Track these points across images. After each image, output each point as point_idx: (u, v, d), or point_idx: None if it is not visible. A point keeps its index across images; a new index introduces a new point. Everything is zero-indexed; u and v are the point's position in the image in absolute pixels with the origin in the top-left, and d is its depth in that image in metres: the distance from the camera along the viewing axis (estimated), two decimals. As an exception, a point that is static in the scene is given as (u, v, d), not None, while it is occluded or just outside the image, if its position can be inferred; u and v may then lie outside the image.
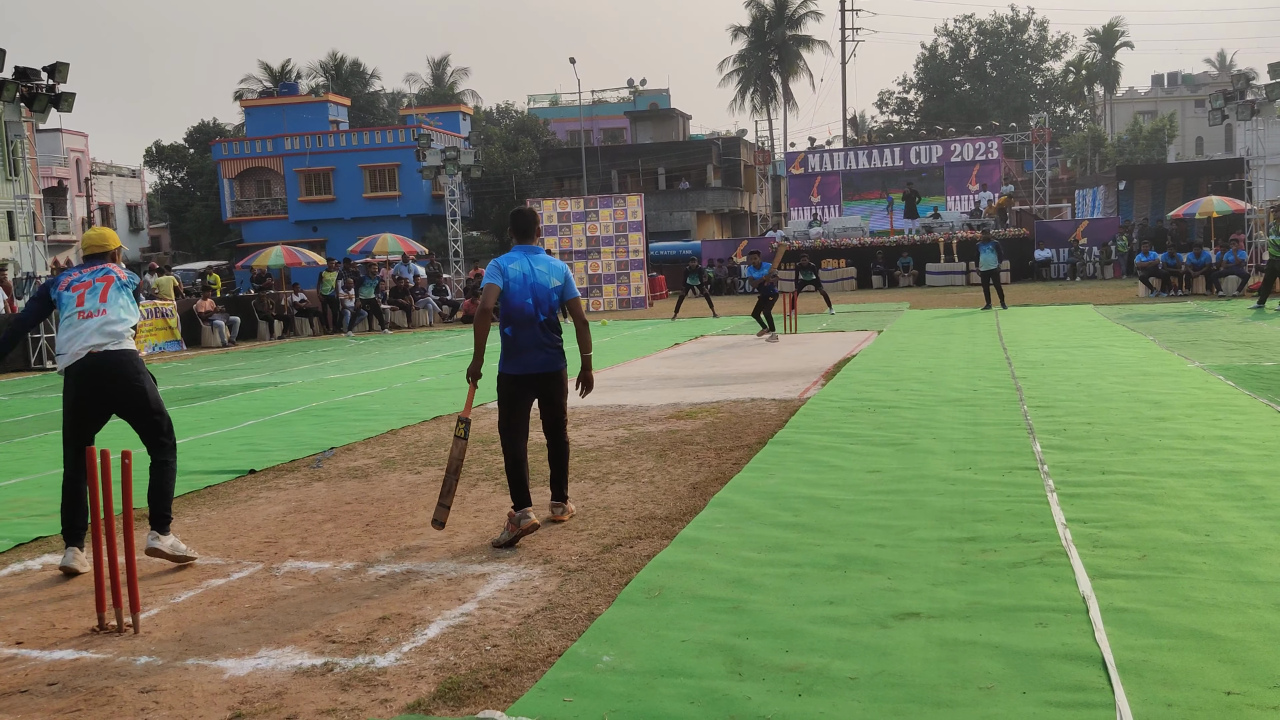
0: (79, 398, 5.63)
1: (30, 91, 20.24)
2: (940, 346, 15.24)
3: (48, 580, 5.67)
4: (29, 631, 4.84)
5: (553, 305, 6.16)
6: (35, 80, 20.33)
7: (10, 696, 4.08)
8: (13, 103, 20.06)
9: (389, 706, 3.78)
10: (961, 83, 69.81)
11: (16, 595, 5.44)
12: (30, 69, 20.27)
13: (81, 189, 54.97)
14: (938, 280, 36.45)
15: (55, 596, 5.38)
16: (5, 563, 6.08)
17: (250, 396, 13.54)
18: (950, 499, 6.24)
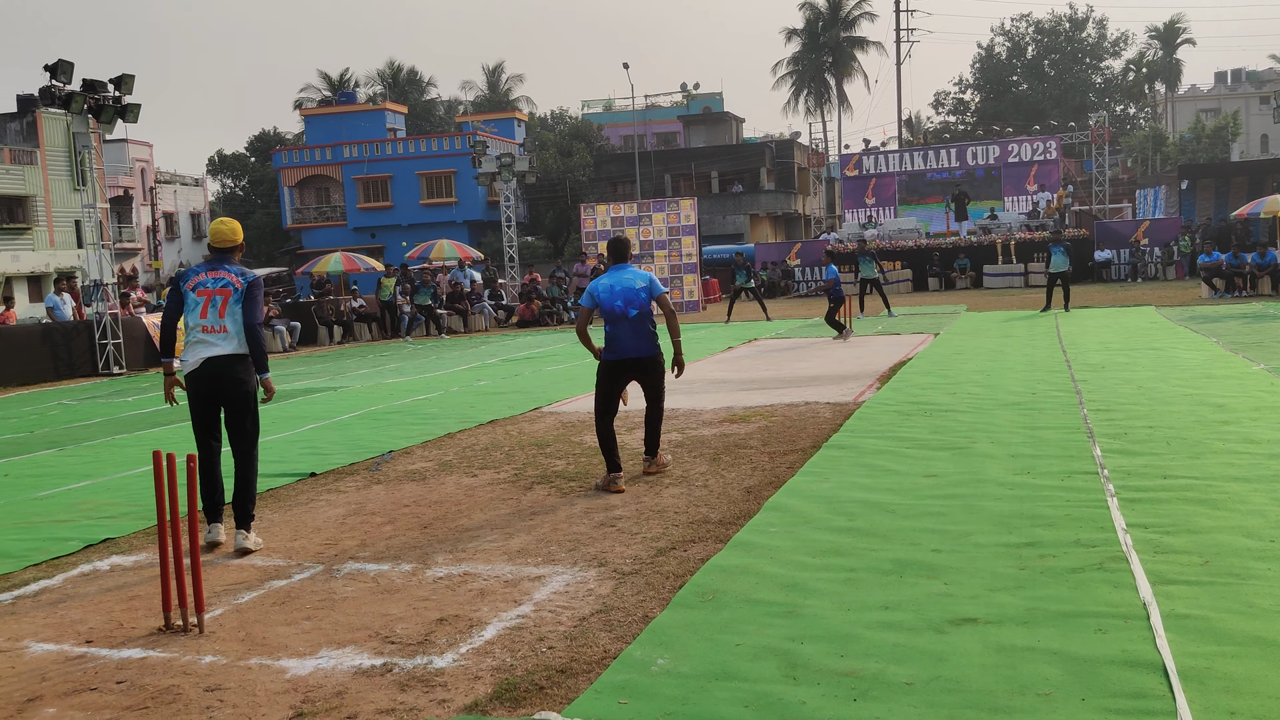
0: (198, 398, 6.37)
1: (97, 103, 20.71)
2: (998, 349, 15.07)
3: (116, 581, 5.81)
4: (98, 631, 4.97)
5: (641, 303, 7.52)
6: (102, 92, 20.80)
7: (80, 694, 4.20)
8: (81, 114, 20.55)
9: (447, 707, 3.83)
10: (1019, 82, 68.94)
11: (86, 595, 5.58)
12: (97, 81, 20.74)
13: (146, 198, 56.13)
14: (996, 282, 35.99)
15: (123, 597, 5.51)
16: (75, 563, 6.24)
17: (310, 400, 13.76)
18: (1008, 504, 6.18)
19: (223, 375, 6.30)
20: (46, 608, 5.38)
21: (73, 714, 4.00)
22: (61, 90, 20.08)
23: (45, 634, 4.97)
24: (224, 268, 6.46)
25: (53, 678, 4.39)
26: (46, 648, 4.78)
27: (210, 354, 6.30)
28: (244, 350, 6.35)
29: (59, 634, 4.94)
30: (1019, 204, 41.18)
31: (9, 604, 5.50)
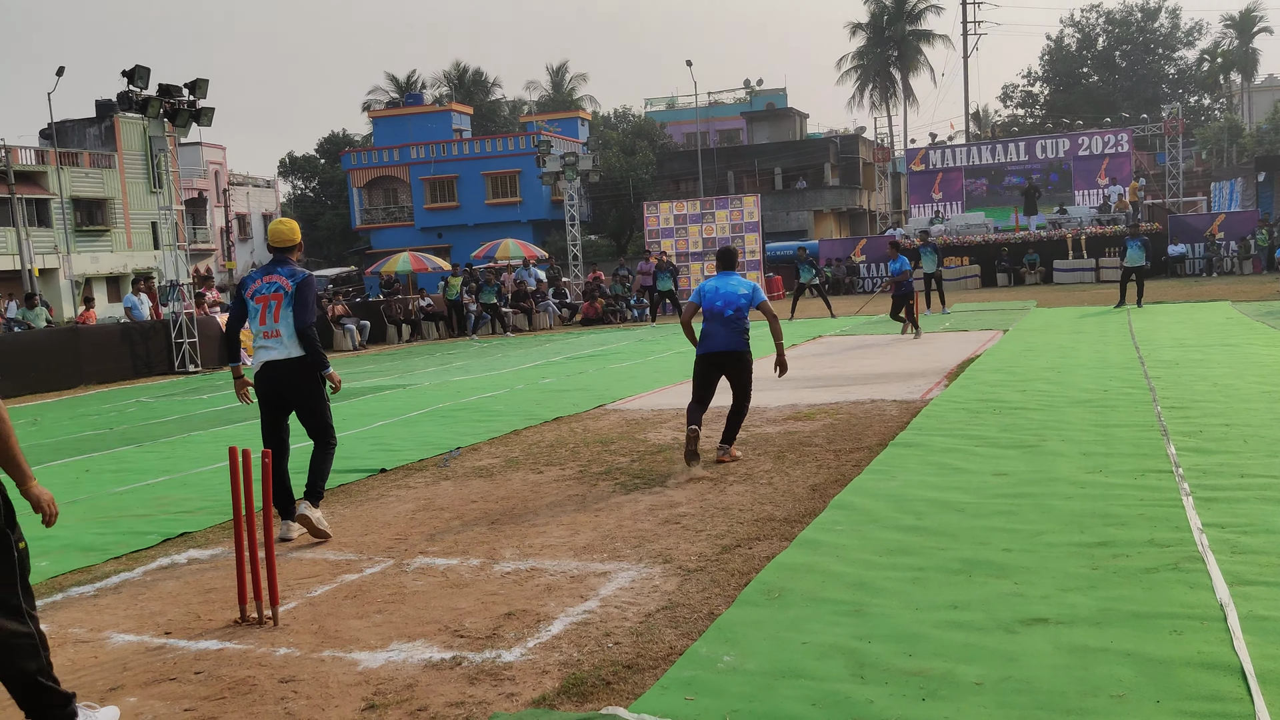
0: (264, 400, 6.68)
1: (173, 107, 21.23)
2: (1069, 346, 14.80)
3: (193, 574, 5.96)
4: (176, 623, 5.11)
5: (739, 306, 8.20)
6: (177, 96, 21.31)
7: (160, 684, 4.31)
8: (157, 119, 21.07)
9: (515, 701, 3.87)
10: (1089, 74, 67.58)
11: (164, 588, 5.73)
12: (173, 86, 21.25)
13: (220, 199, 57.38)
14: (1066, 278, 35.33)
15: (200, 589, 5.65)
16: (153, 557, 6.41)
17: (380, 398, 13.96)
18: (1080, 503, 6.08)
19: (282, 379, 6.54)
20: (127, 599, 5.54)
21: (153, 703, 4.11)
22: (139, 95, 20.62)
23: (126, 625, 5.11)
24: (278, 270, 6.60)
25: (134, 667, 4.52)
26: (127, 638, 4.92)
27: (269, 358, 6.53)
28: (300, 353, 6.50)
29: (139, 625, 5.08)
30: (1089, 198, 40.37)
31: (91, 596, 5.67)
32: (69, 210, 44.61)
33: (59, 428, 13.37)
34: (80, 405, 16.41)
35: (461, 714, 3.78)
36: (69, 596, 5.68)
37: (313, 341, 6.53)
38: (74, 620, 5.24)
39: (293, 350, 6.50)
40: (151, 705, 4.08)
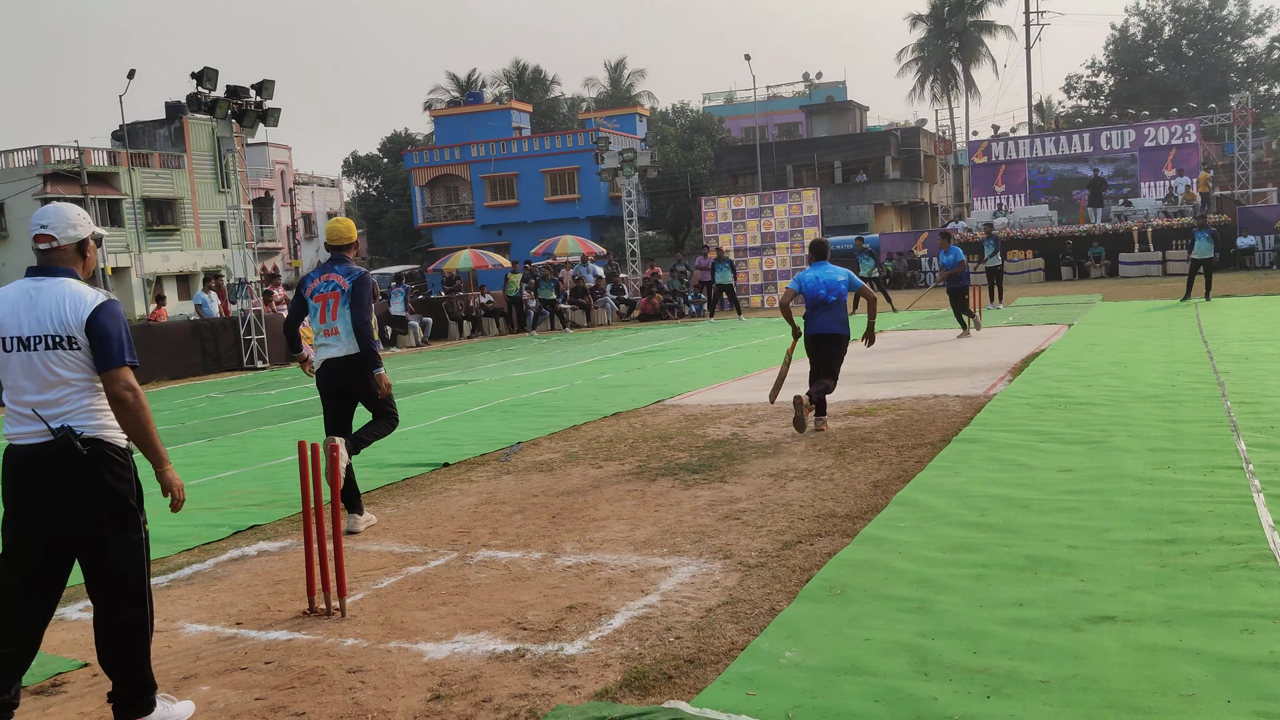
0: (325, 393, 6.85)
1: (240, 108, 21.62)
2: (1135, 340, 14.53)
3: (263, 566, 6.09)
4: (247, 613, 5.22)
5: (840, 293, 9.33)
6: (245, 98, 21.71)
7: (232, 673, 4.42)
8: (225, 119, 21.49)
9: (577, 693, 3.91)
10: (1155, 63, 66.07)
11: (235, 579, 5.87)
12: (240, 87, 21.65)
13: (286, 199, 58.33)
14: (1132, 271, 34.64)
15: (269, 581, 5.77)
16: (224, 549, 6.56)
17: (443, 393, 14.12)
18: (1147, 499, 5.98)
19: (341, 376, 6.67)
20: (199, 590, 5.67)
21: (225, 692, 4.21)
22: (207, 97, 21.04)
23: (198, 615, 5.24)
24: (335, 269, 6.71)
25: (206, 657, 4.63)
26: (200, 628, 5.04)
27: (328, 355, 6.67)
28: (357, 349, 6.62)
29: (211, 615, 5.21)
30: (1155, 189, 39.52)
31: (165, 587, 5.81)
32: (140, 210, 45.66)
33: (132, 423, 13.68)
34: (153, 401, 16.78)
35: (525, 705, 3.83)
36: (144, 587, 5.83)
37: (368, 339, 6.62)
38: (149, 610, 5.38)
39: (351, 348, 6.62)
40: (224, 694, 4.18)
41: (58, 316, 3.74)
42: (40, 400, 3.73)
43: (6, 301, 3.82)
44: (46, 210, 3.94)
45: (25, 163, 44.36)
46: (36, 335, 3.74)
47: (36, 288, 3.81)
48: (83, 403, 3.76)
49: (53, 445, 3.70)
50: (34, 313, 3.76)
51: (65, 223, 3.89)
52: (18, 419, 3.76)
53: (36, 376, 3.73)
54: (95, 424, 3.77)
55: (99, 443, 3.76)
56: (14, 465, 3.78)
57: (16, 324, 3.77)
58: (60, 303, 3.75)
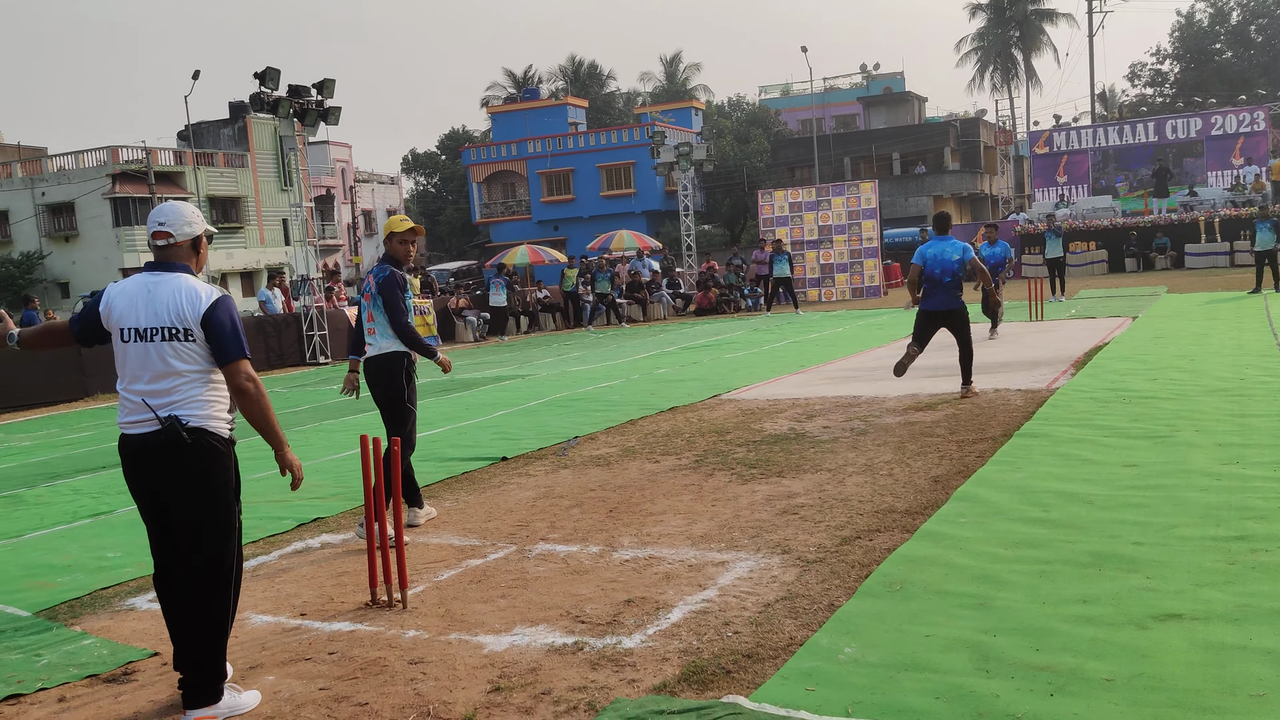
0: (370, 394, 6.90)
1: (302, 107, 21.94)
2: (1202, 333, 14.22)
3: (326, 557, 6.18)
4: (310, 604, 5.31)
5: (954, 271, 10.01)
6: (306, 97, 22.02)
7: (296, 664, 4.50)
8: (287, 118, 21.81)
9: (636, 687, 3.93)
10: (1222, 50, 64.46)
11: (299, 571, 5.96)
12: (301, 86, 21.96)
13: (346, 196, 59.08)
14: (1198, 262, 33.85)
15: (333, 573, 5.86)
16: (288, 541, 6.67)
17: (501, 388, 14.23)
18: (1215, 495, 5.86)
19: (370, 375, 6.74)
20: (264, 582, 5.77)
21: (290, 682, 4.29)
22: (269, 96, 21.37)
23: (264, 606, 5.34)
24: (373, 270, 6.82)
25: (271, 647, 4.71)
26: (265, 619, 5.14)
27: (368, 355, 6.78)
28: (392, 348, 6.64)
29: (276, 607, 5.30)
30: (1222, 179, 38.57)
31: (232, 577, 5.92)
32: (205, 208, 46.50)
33: (198, 417, 13.96)
34: (217, 396, 17.11)
35: (584, 698, 3.85)
36: (211, 578, 5.94)
37: (409, 335, 6.61)
38: (216, 601, 5.49)
39: (384, 346, 6.65)
40: (289, 684, 4.26)
41: (175, 310, 3.92)
42: (150, 390, 3.93)
43: (125, 295, 4.01)
44: (163, 208, 4.11)
45: (95, 163, 45.43)
46: (153, 327, 3.93)
47: (154, 282, 3.99)
48: (191, 393, 3.95)
49: (160, 434, 3.90)
50: (151, 306, 3.94)
51: (181, 220, 4.07)
52: (129, 408, 3.97)
53: (150, 367, 3.93)
54: (201, 414, 3.96)
55: (203, 433, 3.95)
56: (128, 452, 4.00)
57: (134, 316, 3.96)
58: (177, 296, 3.94)
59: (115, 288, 4.09)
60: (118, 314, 4.00)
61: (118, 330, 4.00)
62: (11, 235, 46.83)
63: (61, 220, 46.23)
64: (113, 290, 4.08)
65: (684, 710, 3.62)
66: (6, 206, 47.08)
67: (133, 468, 4.01)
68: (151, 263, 4.10)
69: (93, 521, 7.65)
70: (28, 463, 10.96)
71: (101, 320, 4.07)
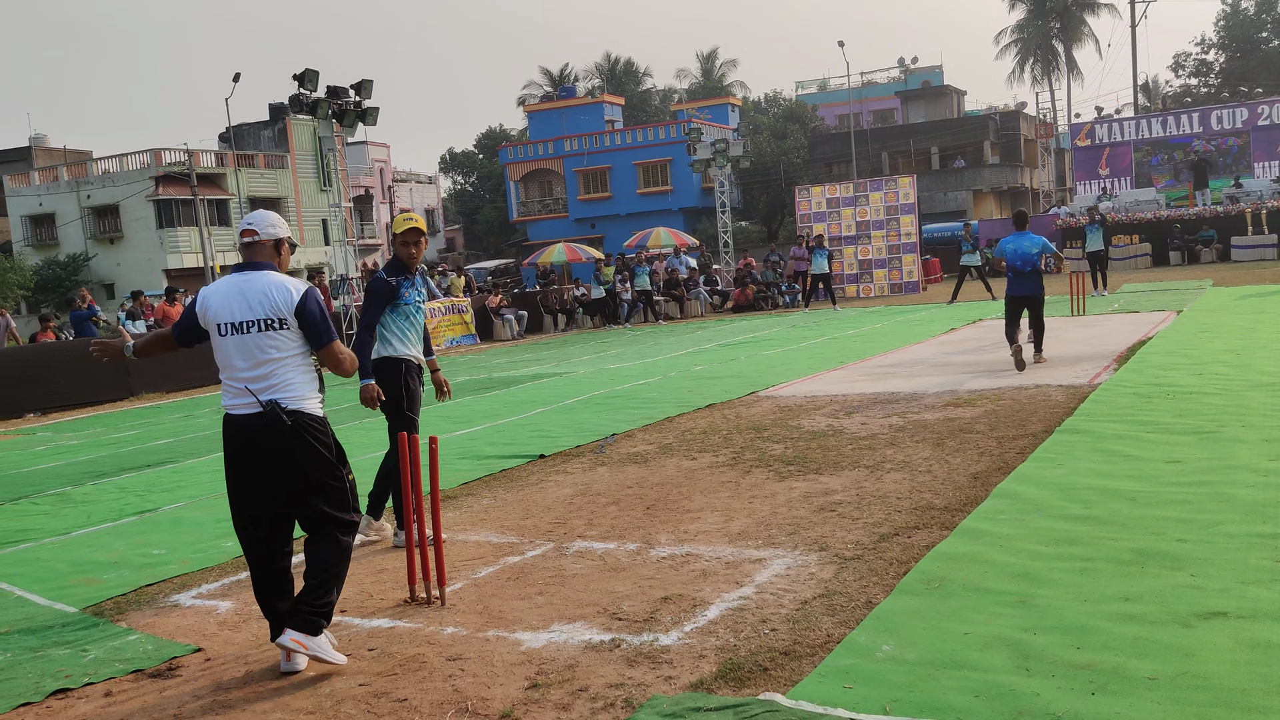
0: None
1: (340, 108, 22.13)
2: (1249, 327, 13.99)
3: (365, 555, 6.23)
4: (350, 601, 5.35)
5: (1034, 261, 11.68)
6: (344, 98, 22.21)
7: (338, 658, 4.54)
8: (325, 119, 22.02)
9: (673, 684, 3.93)
10: (1269, 39, 63.34)
11: (340, 567, 6.00)
12: (340, 88, 22.15)
13: (385, 196, 59.53)
14: (1245, 255, 33.28)
15: (372, 570, 5.91)
16: (330, 538, 6.71)
17: (538, 386, 14.28)
18: (1262, 491, 5.76)
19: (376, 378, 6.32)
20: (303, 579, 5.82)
21: (330, 678, 4.32)
22: (308, 98, 21.58)
23: (306, 602, 5.38)
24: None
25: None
26: (307, 615, 5.18)
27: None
28: (386, 353, 6.31)
29: (318, 603, 5.34)
30: (1270, 169, 37.89)
31: (274, 574, 5.99)
32: (246, 209, 47.00)
33: (240, 416, 14.13)
34: (259, 395, 17.31)
35: (621, 695, 3.86)
36: (253, 575, 6.01)
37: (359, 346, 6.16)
38: (258, 597, 5.55)
39: (379, 350, 6.33)
40: (328, 680, 4.30)
41: (269, 303, 4.36)
42: (252, 376, 4.36)
43: (219, 294, 4.44)
44: (254, 214, 4.63)
45: (138, 165, 46.08)
46: (249, 320, 4.36)
47: (245, 280, 4.43)
48: (286, 378, 4.39)
49: (262, 416, 4.32)
50: (246, 300, 4.37)
51: (266, 222, 4.58)
52: (234, 392, 4.40)
53: (249, 356, 4.36)
54: (297, 396, 4.40)
55: (300, 414, 4.38)
56: (233, 431, 4.41)
57: (230, 312, 4.38)
58: (269, 291, 4.38)
59: (208, 290, 4.51)
60: (214, 312, 4.42)
61: (214, 326, 4.42)
62: (58, 237, 47.61)
63: (106, 222, 46.95)
64: (206, 292, 4.50)
65: (721, 707, 3.62)
66: (53, 209, 47.88)
67: (237, 444, 4.40)
68: (240, 264, 4.54)
69: (138, 519, 7.77)
70: (75, 461, 11.15)
71: (198, 320, 4.49)
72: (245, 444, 4.38)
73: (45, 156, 52.78)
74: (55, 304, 41.01)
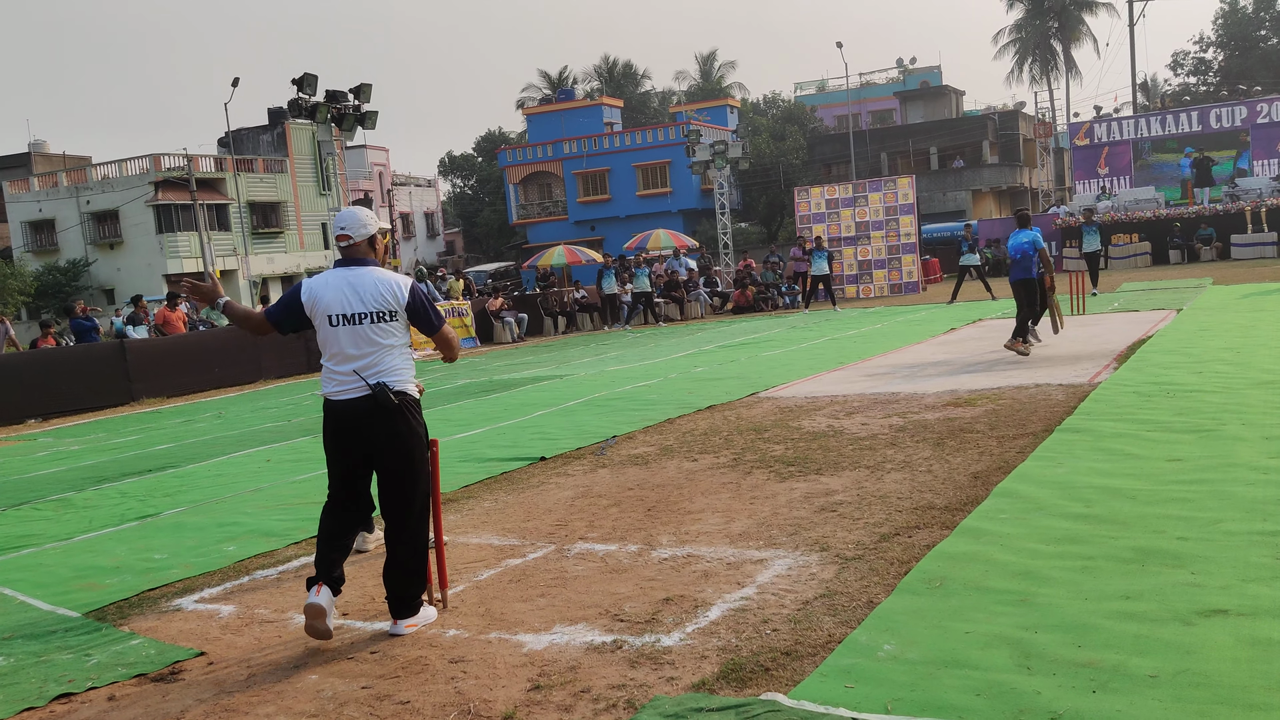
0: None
1: (339, 112, 22.15)
2: (1249, 325, 13.99)
3: (367, 558, 6.23)
4: (353, 604, 5.36)
5: (1026, 252, 13.04)
6: (343, 102, 22.23)
7: (338, 662, 4.55)
8: (325, 123, 22.03)
9: (675, 685, 3.93)
10: (1268, 36, 63.37)
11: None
12: (339, 91, 22.18)
13: (384, 200, 59.54)
14: (1245, 253, 33.28)
15: (374, 573, 5.90)
16: (332, 542, 6.72)
17: (539, 388, 14.29)
18: (1262, 489, 5.77)
19: None
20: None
21: (333, 680, 4.34)
22: (307, 102, 21.60)
23: (308, 606, 5.39)
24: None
25: (314, 646, 4.77)
26: (309, 618, 5.18)
27: None
28: None
29: (320, 606, 5.35)
30: (1269, 167, 37.88)
31: (274, 579, 6.00)
32: (246, 214, 47.05)
33: (241, 420, 14.16)
34: (260, 399, 17.35)
35: (623, 696, 3.87)
36: (254, 579, 6.03)
37: None
38: (259, 601, 5.57)
39: None
40: (331, 683, 4.31)
41: (379, 296, 4.73)
42: (362, 364, 4.72)
43: (330, 288, 4.78)
44: (343, 214, 4.93)
45: (138, 171, 46.10)
46: (361, 312, 4.72)
47: (353, 275, 4.79)
48: (392, 363, 4.76)
49: (372, 398, 4.70)
50: (358, 294, 4.73)
51: (358, 223, 4.88)
52: (338, 380, 4.77)
53: (360, 344, 4.72)
54: (401, 380, 4.78)
55: (404, 395, 4.77)
56: (335, 416, 4.80)
57: (342, 304, 4.74)
58: (378, 285, 4.75)
59: (315, 283, 4.84)
60: (324, 304, 4.77)
61: (325, 317, 4.76)
62: (58, 243, 47.64)
63: (106, 228, 46.97)
64: (314, 285, 4.83)
65: (723, 708, 3.63)
66: (53, 215, 47.90)
67: (341, 428, 4.78)
68: (342, 260, 4.92)
69: (139, 524, 7.78)
70: (76, 466, 11.16)
71: (304, 310, 4.84)
72: (350, 426, 4.74)
73: (45, 162, 52.80)
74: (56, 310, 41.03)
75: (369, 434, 4.73)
